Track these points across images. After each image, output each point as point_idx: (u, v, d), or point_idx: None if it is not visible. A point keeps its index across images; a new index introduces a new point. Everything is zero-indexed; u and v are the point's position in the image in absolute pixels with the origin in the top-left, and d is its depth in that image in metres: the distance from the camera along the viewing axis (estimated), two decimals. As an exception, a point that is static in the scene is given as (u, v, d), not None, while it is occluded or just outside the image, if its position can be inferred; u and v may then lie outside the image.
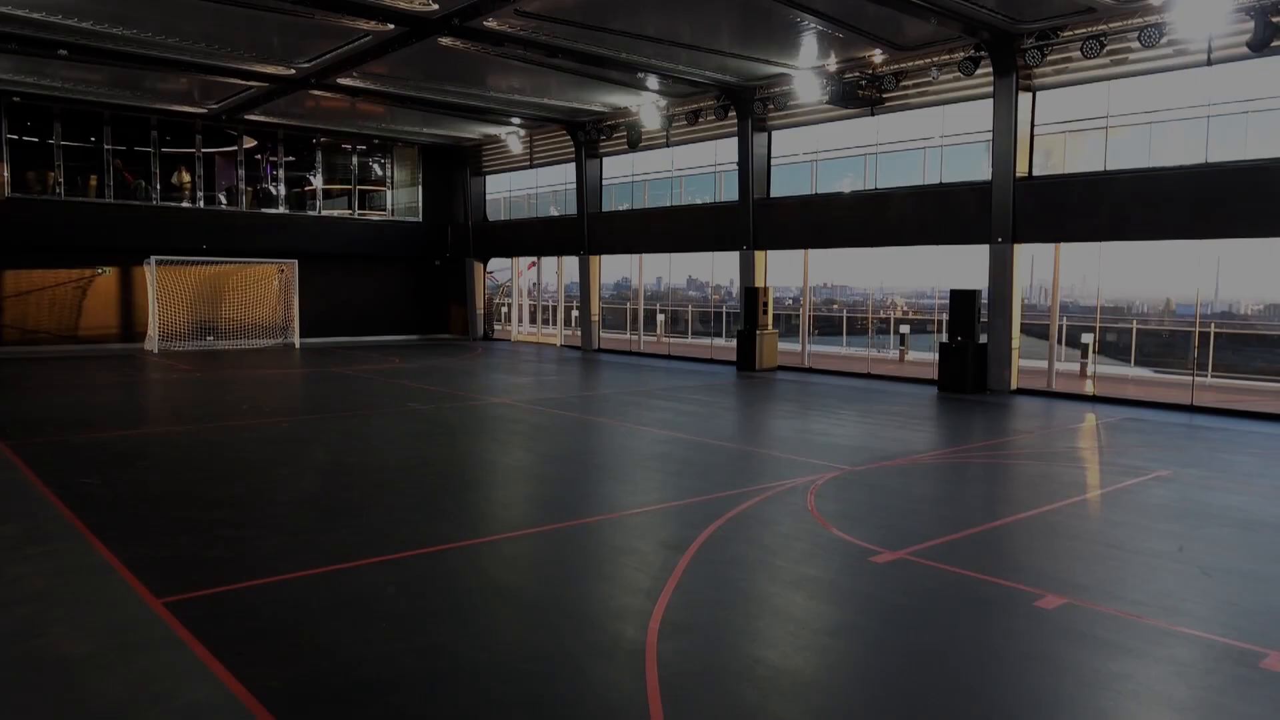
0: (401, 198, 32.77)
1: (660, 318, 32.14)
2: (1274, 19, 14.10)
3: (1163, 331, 25.16)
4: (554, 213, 30.61)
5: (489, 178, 32.81)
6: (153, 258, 26.21)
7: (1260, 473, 10.63)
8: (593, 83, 22.04)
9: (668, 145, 25.38)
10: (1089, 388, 18.53)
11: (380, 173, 32.39)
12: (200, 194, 28.48)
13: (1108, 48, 16.03)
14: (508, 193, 32.71)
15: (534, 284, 35.89)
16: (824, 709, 4.63)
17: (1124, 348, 23.38)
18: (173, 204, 27.99)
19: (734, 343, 23.67)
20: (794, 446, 12.15)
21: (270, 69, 20.84)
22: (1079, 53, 16.34)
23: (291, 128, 28.88)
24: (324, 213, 30.93)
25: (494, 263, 33.58)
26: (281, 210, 29.93)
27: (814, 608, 6.12)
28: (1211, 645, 5.42)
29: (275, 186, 29.86)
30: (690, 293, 42.67)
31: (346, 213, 31.56)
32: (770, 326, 22.57)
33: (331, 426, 13.32)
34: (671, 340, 30.44)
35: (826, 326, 29.22)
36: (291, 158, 30.15)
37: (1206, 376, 19.61)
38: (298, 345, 28.58)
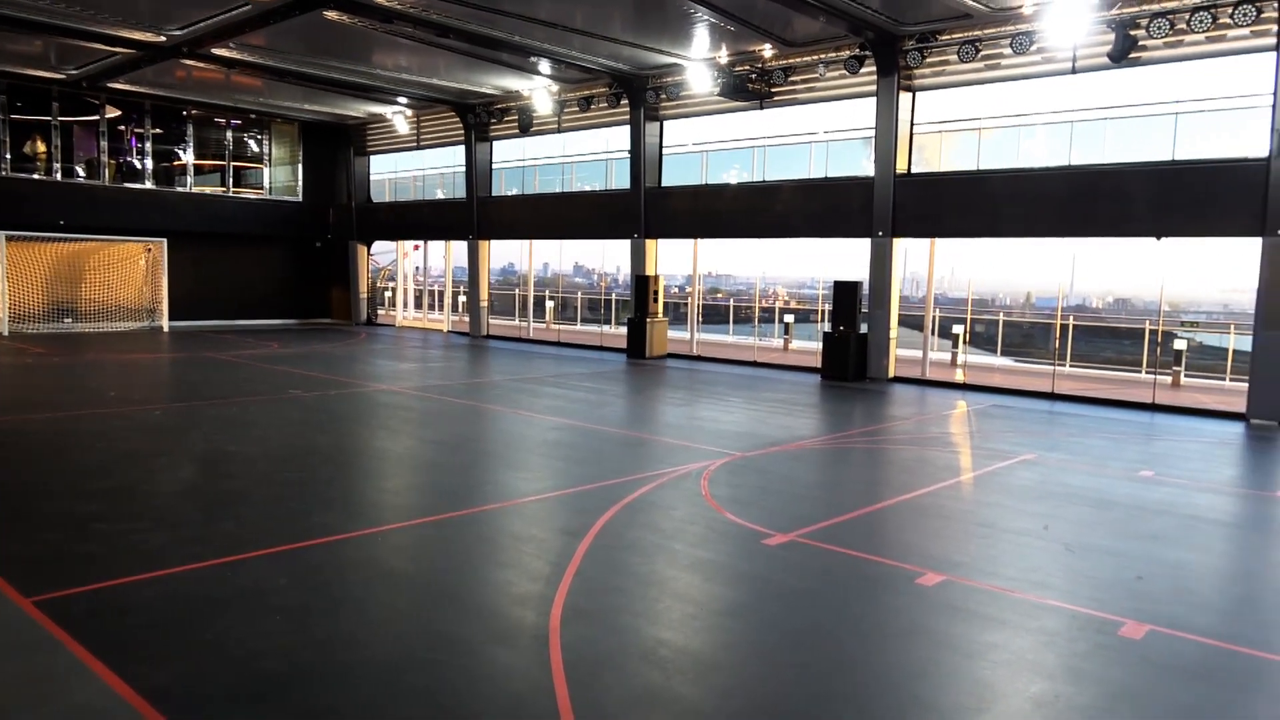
0: (280, 176, 31.50)
1: (549, 304, 32.03)
2: (1132, 32, 15.13)
3: (1024, 323, 26.70)
4: (442, 196, 30.03)
5: (374, 158, 31.89)
6: (1, 233, 24.38)
7: (1113, 455, 11.47)
8: (484, 64, 21.71)
9: (559, 131, 25.25)
10: (959, 376, 19.52)
11: (257, 149, 31.02)
12: (57, 165, 26.61)
13: (983, 52, 16.87)
14: (393, 174, 31.89)
15: (419, 268, 35.17)
16: (725, 687, 4.78)
17: (991, 338, 24.73)
18: (25, 175, 26.07)
19: (623, 330, 23.82)
20: (686, 433, 12.37)
21: (138, 35, 19.65)
22: (956, 56, 17.14)
23: (160, 98, 27.32)
24: (195, 189, 29.42)
25: (378, 245, 32.71)
26: (148, 185, 28.29)
27: (712, 590, 6.29)
28: (1075, 616, 5.85)
29: (141, 160, 28.20)
30: (577, 279, 42.67)
31: (220, 190, 30.11)
32: (660, 314, 22.82)
33: (209, 414, 12.74)
34: (561, 327, 30.38)
35: (713, 315, 29.74)
36: (159, 130, 28.50)
37: (1065, 366, 20.94)
38: (166, 328, 27.15)
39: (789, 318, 26.22)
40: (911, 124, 18.66)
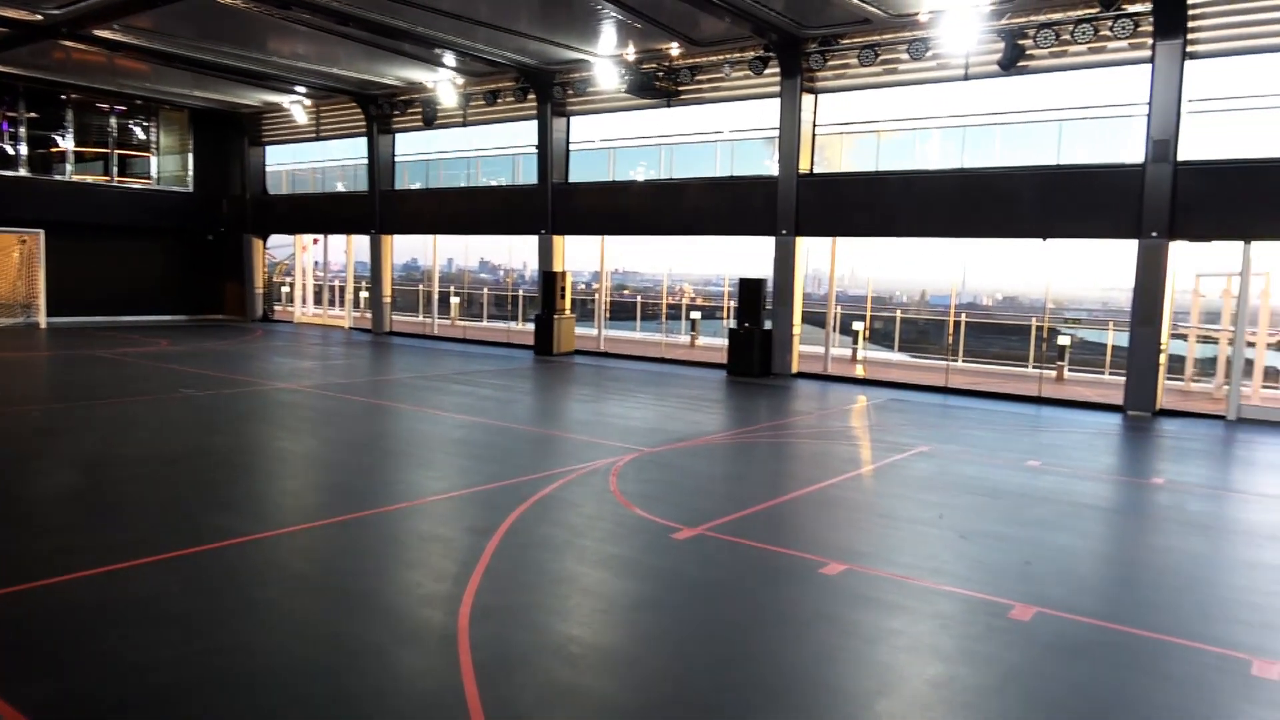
0: (169, 165, 30.09)
1: (454, 300, 31.57)
2: (1020, 42, 15.83)
3: (920, 320, 27.67)
4: (343, 189, 29.24)
5: (270, 148, 30.81)
6: None
7: (1003, 446, 12.00)
8: (386, 55, 21.23)
9: (465, 124, 24.90)
10: (860, 372, 20.09)
11: (144, 137, 29.57)
12: (-82, 150, 24.84)
13: (881, 57, 17.39)
14: (291, 165, 30.89)
15: (319, 262, 34.16)
16: (637, 681, 4.81)
17: (889, 335, 25.54)
18: (-118, 160, 24.26)
19: (531, 327, 23.68)
20: (594, 429, 12.38)
21: (11, 13, 18.49)
22: (856, 60, 17.63)
23: (35, 80, 25.74)
24: (75, 178, 27.86)
25: (275, 239, 31.64)
26: (22, 173, 26.65)
27: (622, 585, 6.32)
28: (969, 600, 6.11)
29: (15, 146, 26.53)
30: (484, 275, 42.20)
31: (103, 179, 28.58)
32: (568, 311, 22.76)
33: (93, 415, 12.11)
34: (466, 324, 30.00)
35: (621, 312, 29.83)
36: (35, 114, 26.89)
37: (957, 361, 21.78)
38: (43, 325, 25.65)
39: (696, 314, 26.51)
40: (814, 125, 19.09)
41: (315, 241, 32.70)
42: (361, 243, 28.41)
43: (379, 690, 4.54)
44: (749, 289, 19.22)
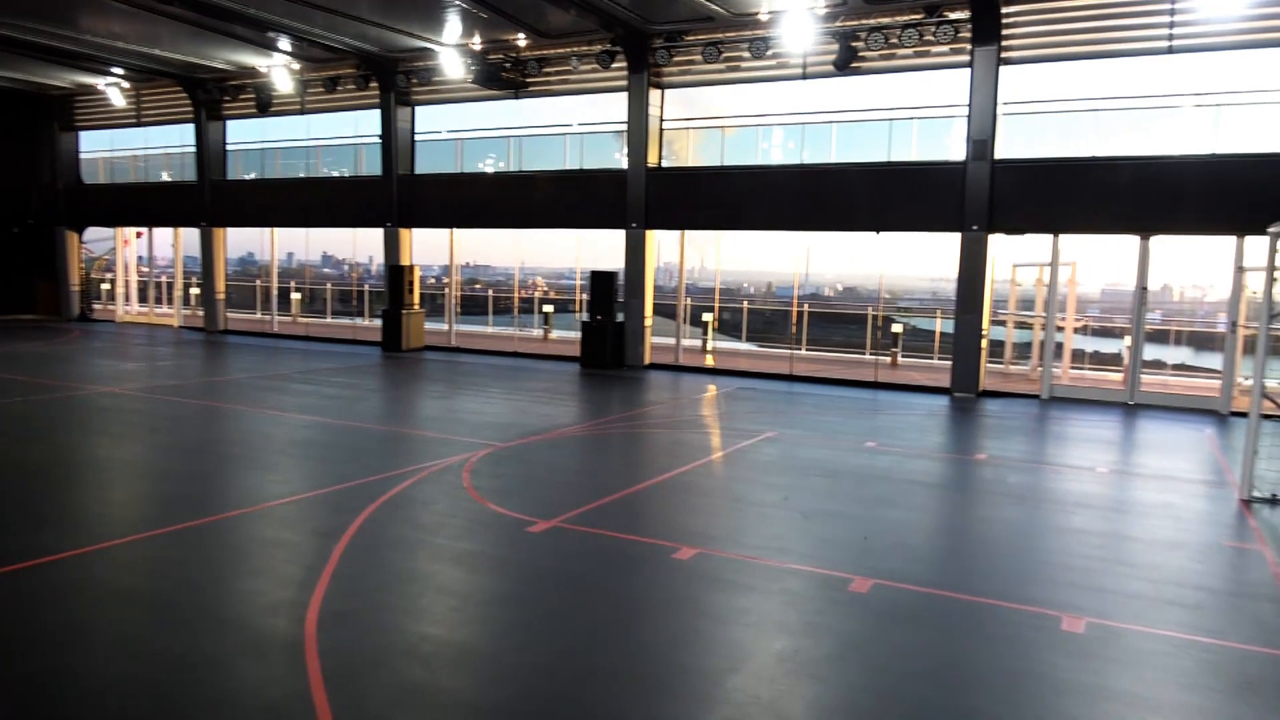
0: (-36, 151, 27.38)
1: (295, 296, 30.22)
2: (853, 44, 16.60)
3: (767, 311, 28.62)
4: (169, 178, 27.43)
5: (84, 134, 28.52)
6: None
7: (843, 430, 12.60)
8: (215, 37, 20.04)
9: (303, 112, 23.85)
10: (709, 361, 20.60)
11: (-67, 119, 26.77)
12: None
13: (725, 54, 17.84)
14: (109, 152, 28.69)
15: (143, 257, 31.90)
16: (493, 676, 4.78)
17: (737, 325, 26.29)
18: None
19: (378, 322, 22.99)
20: (446, 426, 12.18)
21: None
22: (701, 57, 18.03)
23: None
24: None
25: (92, 232, 29.34)
26: None
27: (476, 581, 6.26)
28: (813, 576, 6.40)
29: None
30: (327, 270, 40.61)
31: (-115, 165, 25.70)
32: (417, 306, 22.23)
33: (-122, 426, 10.92)
34: (309, 320, 28.78)
35: (472, 306, 29.38)
36: None
37: (801, 350, 22.67)
38: None
39: (548, 308, 26.44)
40: (661, 119, 19.39)
41: (139, 235, 30.52)
42: (191, 236, 26.75)
43: (218, 702, 4.33)
44: (601, 282, 19.34)
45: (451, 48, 19.63)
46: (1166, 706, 4.63)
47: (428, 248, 25.69)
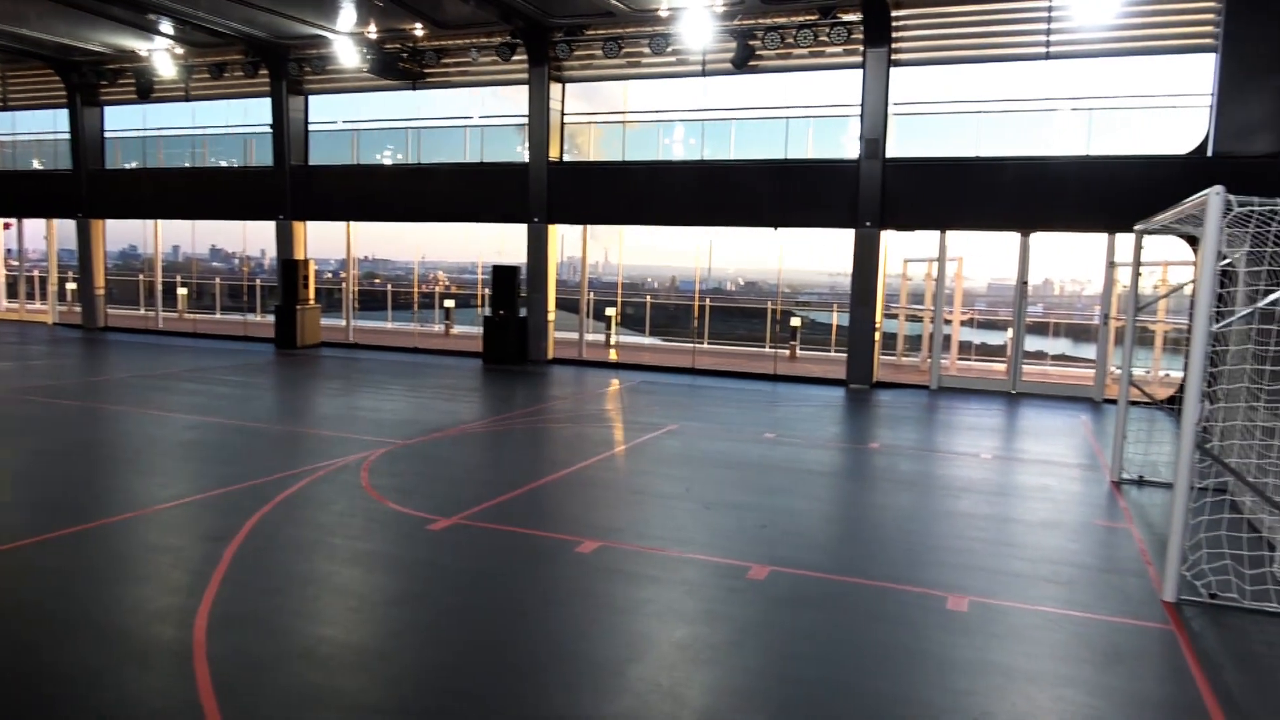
0: None
1: (182, 292, 28.96)
2: (751, 43, 16.88)
3: (670, 305, 28.87)
4: (40, 166, 25.88)
5: (-58, 118, 26.66)
6: None
7: (743, 422, 12.85)
8: (90, 18, 19.00)
9: (188, 99, 22.86)
10: (613, 356, 20.68)
11: None
12: None
13: (625, 50, 17.90)
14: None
15: (12, 250, 30.04)
16: (392, 676, 4.72)
17: (640, 320, 26.44)
18: None
19: (271, 319, 22.24)
20: (343, 424, 11.90)
21: None
22: (601, 52, 18.04)
23: None
24: None
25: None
26: None
27: (375, 581, 6.16)
28: (712, 565, 6.53)
29: None
30: (216, 264, 39.04)
31: None
32: (312, 301, 21.60)
33: None
34: (197, 317, 27.62)
35: (371, 301, 28.71)
36: None
37: (704, 343, 22.98)
38: None
39: (450, 303, 26.06)
40: (562, 113, 19.33)
41: (7, 226, 28.71)
42: (67, 227, 25.33)
43: (102, 716, 4.15)
44: (503, 276, 19.17)
45: (346, 36, 19.12)
46: (1042, 677, 4.91)
47: (324, 241, 25.05)
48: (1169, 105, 15.54)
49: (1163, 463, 10.27)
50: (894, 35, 16.29)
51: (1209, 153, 14.69)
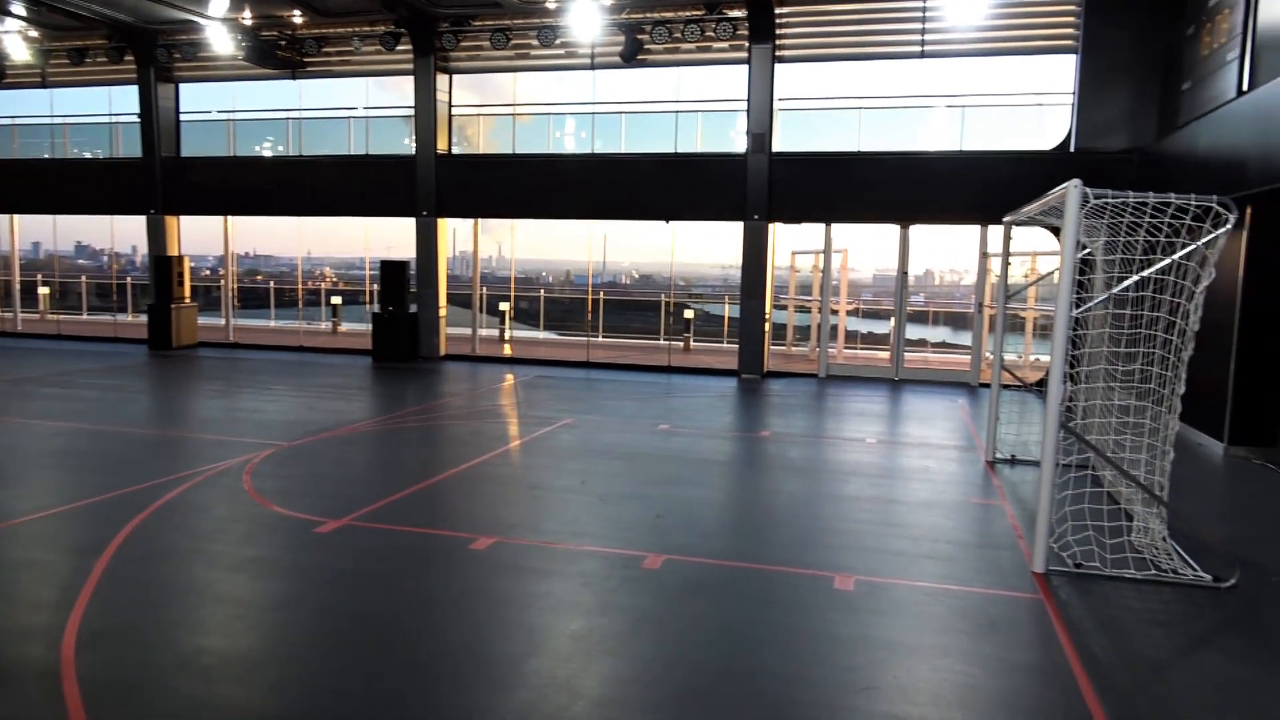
0: None
1: (43, 291, 27.25)
2: (639, 36, 16.96)
3: (565, 299, 28.81)
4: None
5: None
6: None
7: (638, 414, 12.94)
8: (-70, -3, 17.64)
9: (45, 85, 21.49)
10: (507, 351, 20.50)
11: None
12: None
13: (513, 41, 17.74)
14: None
15: None
16: (277, 683, 4.57)
17: (534, 314, 26.31)
18: None
19: (144, 319, 21.15)
20: (224, 427, 11.43)
21: None
22: (489, 43, 17.82)
23: None
24: None
25: None
26: None
27: (260, 587, 5.94)
28: (608, 557, 6.56)
29: None
30: (82, 261, 36.93)
31: None
32: (188, 300, 20.64)
33: None
34: (61, 318, 26.03)
35: (252, 299, 27.63)
36: None
37: (599, 337, 23.02)
38: None
39: (337, 299, 25.31)
40: (450, 105, 19.02)
41: None
42: (-91, 223, 23.47)
43: (-45, 745, 3.89)
44: (392, 271, 18.75)
45: (219, 22, 18.30)
46: (922, 649, 5.13)
47: (201, 236, 23.93)
48: (1035, 104, 16.40)
49: (1033, 442, 10.87)
50: (778, 32, 16.65)
51: (1071, 148, 15.58)
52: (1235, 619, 5.74)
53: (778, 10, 16.52)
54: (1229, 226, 6.20)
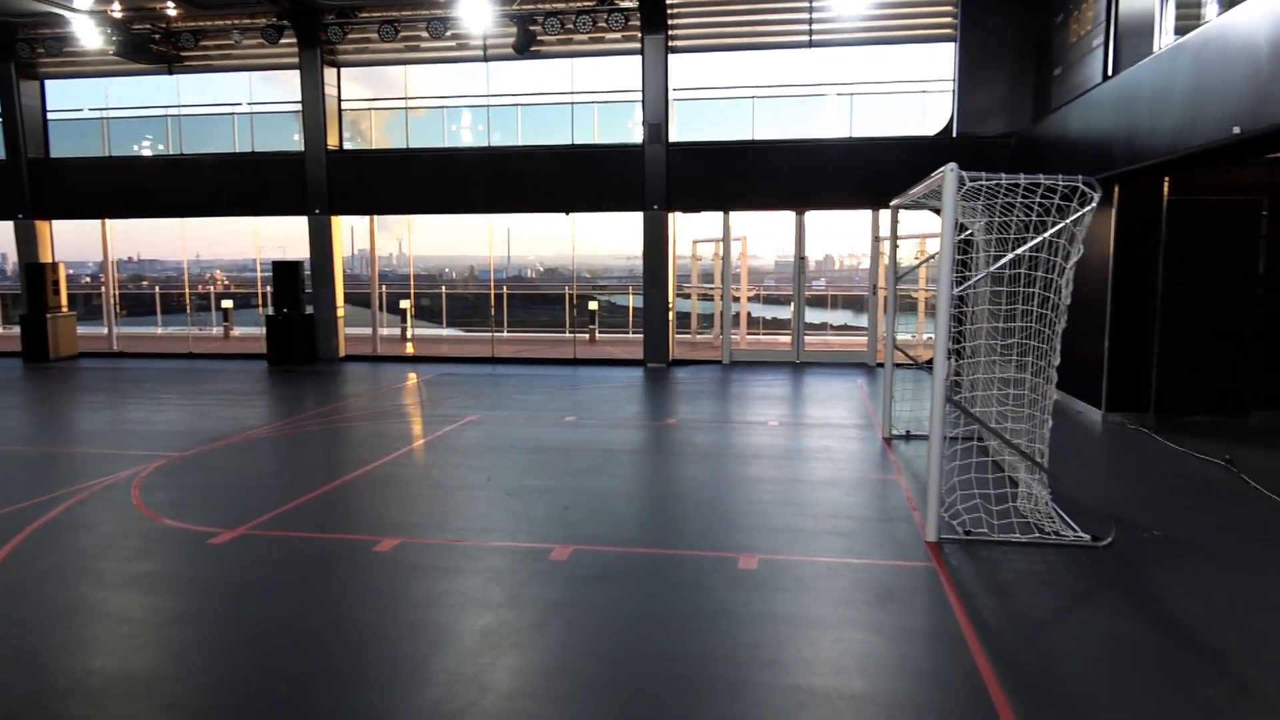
0: None
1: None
2: (532, 28, 16.84)
3: (469, 295, 28.45)
4: None
5: None
6: None
7: (545, 407, 12.91)
8: None
9: (-107, 84, 19.99)
10: (409, 350, 20.15)
11: None
12: None
13: (402, 34, 17.38)
14: None
15: None
16: (173, 701, 4.41)
17: (437, 311, 25.90)
18: None
19: (16, 330, 19.98)
20: (109, 440, 10.93)
21: None
22: (378, 35, 17.40)
23: None
24: None
25: None
26: None
27: (152, 603, 5.72)
28: (515, 551, 6.55)
29: None
30: (-55, 272, 34.68)
31: None
32: (65, 309, 19.58)
33: None
34: (-75, 331, 24.37)
35: (137, 306, 26.39)
36: None
37: (504, 332, 22.83)
38: None
39: (228, 303, 24.40)
40: (339, 99, 18.53)
41: None
42: None
43: None
44: (285, 272, 18.18)
45: (85, 14, 17.34)
46: (824, 622, 5.29)
47: (78, 242, 22.69)
48: (920, 91, 16.97)
49: (926, 418, 11.26)
50: (670, 22, 16.77)
51: (954, 134, 16.19)
52: (1113, 575, 6.10)
53: (669, 0, 16.63)
54: (1094, 205, 6.56)
